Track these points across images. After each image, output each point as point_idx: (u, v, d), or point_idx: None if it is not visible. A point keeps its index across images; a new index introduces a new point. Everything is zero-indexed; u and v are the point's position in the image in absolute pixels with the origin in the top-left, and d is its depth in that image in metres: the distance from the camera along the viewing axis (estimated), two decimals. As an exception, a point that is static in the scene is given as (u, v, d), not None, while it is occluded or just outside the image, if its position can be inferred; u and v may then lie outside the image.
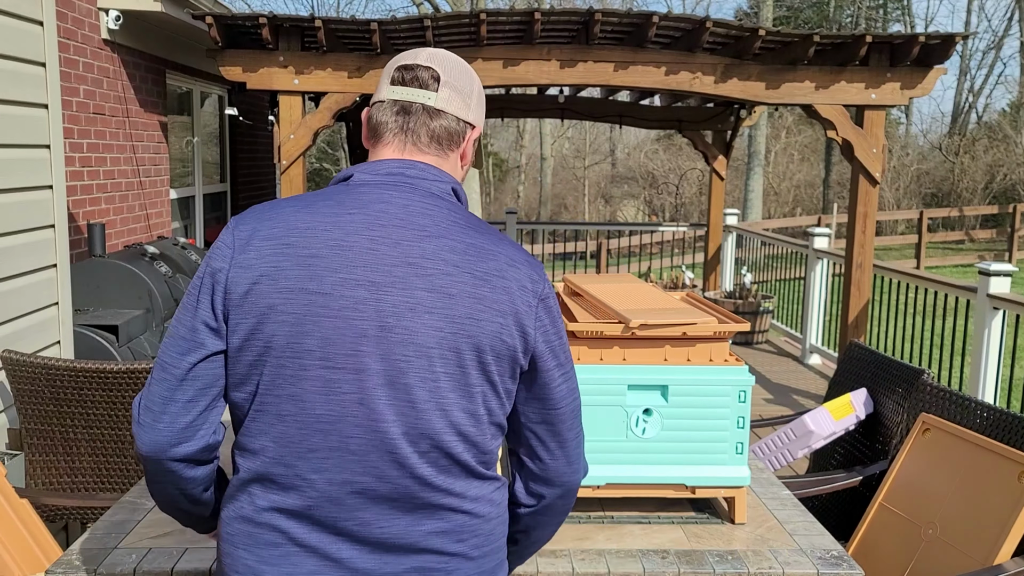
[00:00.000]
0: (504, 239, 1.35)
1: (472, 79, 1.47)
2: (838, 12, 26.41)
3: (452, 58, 1.46)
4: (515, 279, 1.30)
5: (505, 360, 1.28)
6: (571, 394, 1.38)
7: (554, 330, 1.35)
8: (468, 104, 1.44)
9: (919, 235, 16.65)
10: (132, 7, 5.30)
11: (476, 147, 1.52)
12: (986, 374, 4.79)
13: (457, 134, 1.42)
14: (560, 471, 1.39)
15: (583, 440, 1.45)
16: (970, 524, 2.33)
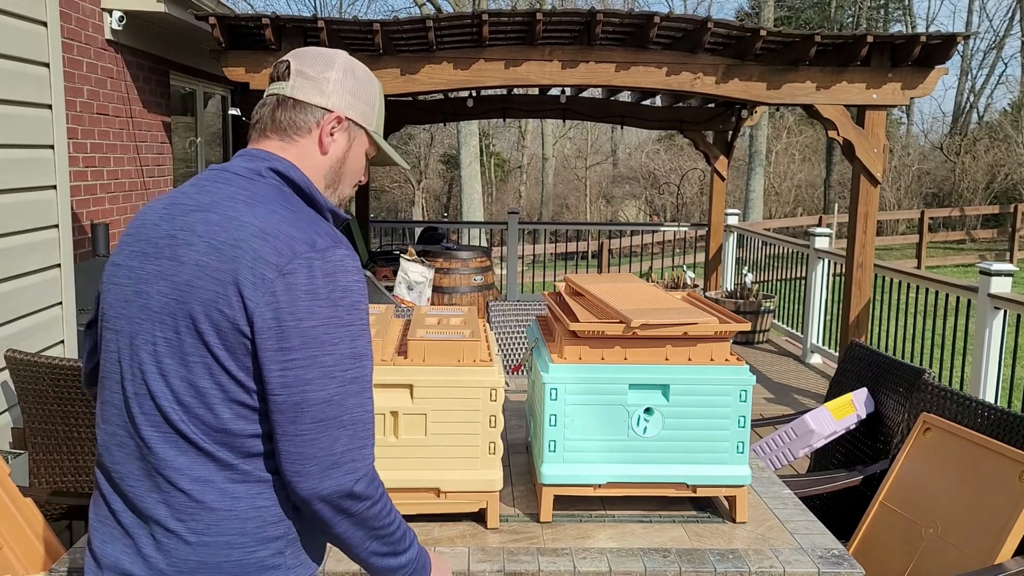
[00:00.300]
0: (277, 215, 1.30)
1: (330, 65, 1.45)
2: (839, 12, 26.40)
3: (318, 50, 1.48)
4: (252, 250, 1.25)
5: (228, 333, 1.24)
6: (292, 386, 1.24)
7: (291, 310, 1.24)
8: (322, 89, 1.44)
9: (920, 235, 16.65)
10: (135, 8, 5.31)
11: (370, 138, 1.50)
12: (987, 374, 4.80)
13: (304, 120, 1.43)
14: (288, 472, 1.26)
15: (335, 449, 1.26)
16: (971, 523, 2.33)
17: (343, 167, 1.48)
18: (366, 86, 1.50)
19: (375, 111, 1.52)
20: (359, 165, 1.51)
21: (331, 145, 1.45)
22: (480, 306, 7.13)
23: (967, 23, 28.72)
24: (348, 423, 1.27)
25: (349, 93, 1.46)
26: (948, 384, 4.85)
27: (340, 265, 1.30)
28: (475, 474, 1.88)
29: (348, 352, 1.28)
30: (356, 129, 1.48)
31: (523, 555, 1.79)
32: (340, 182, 1.49)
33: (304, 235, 1.29)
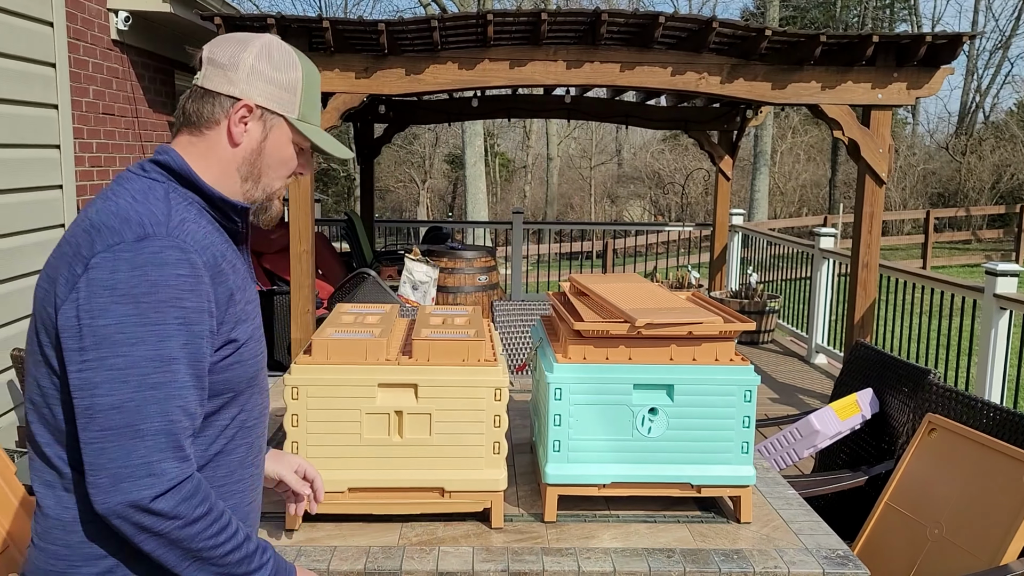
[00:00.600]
0: (117, 204, 1.24)
1: (242, 49, 1.37)
2: (844, 12, 26.35)
3: (237, 35, 1.40)
4: (77, 244, 1.21)
5: (51, 331, 1.21)
6: (83, 389, 1.16)
7: (87, 307, 1.16)
8: (230, 77, 1.36)
9: (925, 235, 16.61)
10: (141, 8, 5.32)
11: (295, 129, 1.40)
12: (992, 374, 4.78)
13: (210, 110, 1.36)
14: (86, 483, 1.18)
15: (129, 461, 1.16)
16: (976, 524, 2.33)
17: (260, 159, 1.39)
18: (285, 70, 1.39)
19: (297, 97, 1.41)
20: (283, 156, 1.41)
21: (242, 136, 1.37)
22: (485, 306, 7.13)
23: (973, 23, 28.64)
24: (147, 433, 1.15)
25: (262, 79, 1.37)
26: (953, 385, 4.84)
27: (153, 258, 1.18)
28: (479, 474, 1.88)
29: (150, 355, 1.16)
30: (273, 118, 1.39)
31: (527, 555, 1.79)
32: (261, 175, 1.40)
33: (129, 226, 1.20)
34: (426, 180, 27.69)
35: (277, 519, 1.91)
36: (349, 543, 1.81)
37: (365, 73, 5.14)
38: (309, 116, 1.43)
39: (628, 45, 5.22)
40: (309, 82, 1.43)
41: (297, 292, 5.35)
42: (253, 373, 1.36)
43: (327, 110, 5.18)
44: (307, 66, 1.43)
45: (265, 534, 1.84)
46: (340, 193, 27.15)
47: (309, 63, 1.45)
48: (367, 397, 1.83)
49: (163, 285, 1.18)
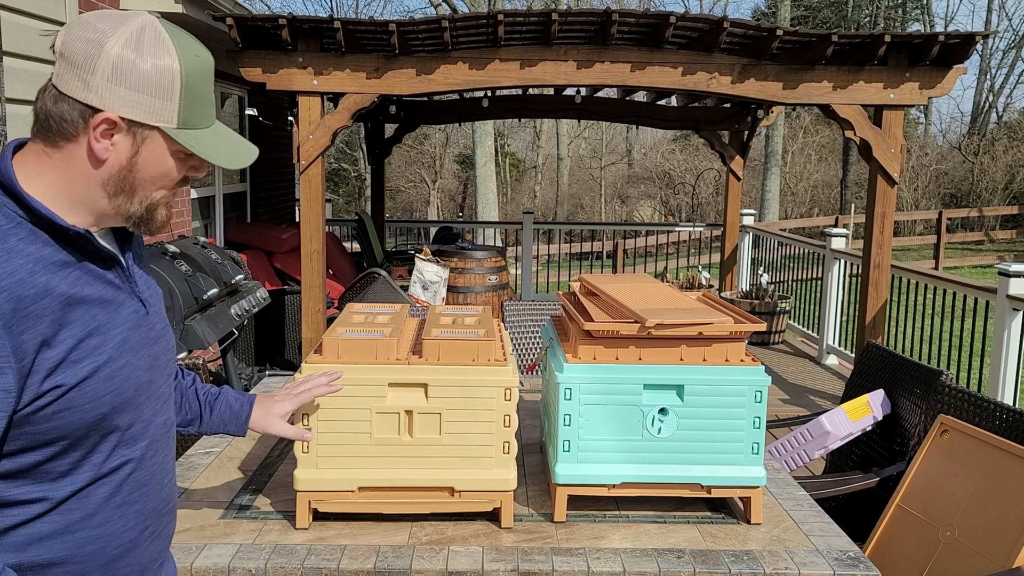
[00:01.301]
0: None
1: (100, 46, 1.12)
2: (856, 12, 26.23)
3: (100, 15, 1.15)
4: None
5: None
6: None
7: None
8: (87, 81, 1.12)
9: (938, 235, 16.53)
10: (154, 9, 5.35)
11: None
12: (1005, 375, 4.76)
13: (68, 119, 1.13)
14: None
15: None
16: (989, 526, 2.32)
17: (132, 175, 1.18)
18: (158, 70, 1.14)
19: (175, 102, 1.16)
20: (161, 168, 1.20)
21: (107, 153, 1.15)
22: (495, 306, 7.14)
23: (986, 22, 28.47)
24: None
25: (126, 85, 1.13)
26: (966, 386, 4.81)
27: None
28: (489, 473, 1.88)
29: None
30: (146, 131, 1.17)
31: (537, 555, 1.79)
32: (135, 189, 1.20)
33: None
34: (436, 180, 27.73)
35: (289, 517, 1.92)
36: (359, 542, 1.82)
37: (376, 73, 5.15)
38: (194, 119, 1.20)
39: (639, 45, 5.21)
40: (193, 77, 1.18)
41: (308, 292, 5.37)
42: (100, 414, 1.17)
43: (338, 110, 5.20)
44: (188, 57, 1.18)
45: (275, 533, 1.85)
46: (351, 193, 27.22)
47: (193, 50, 1.20)
48: (377, 396, 1.84)
49: None
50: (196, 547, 1.78)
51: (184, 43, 1.19)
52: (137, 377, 1.23)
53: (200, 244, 5.14)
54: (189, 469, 2.21)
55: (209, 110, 1.23)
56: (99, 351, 1.16)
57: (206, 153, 1.20)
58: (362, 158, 25.25)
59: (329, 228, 9.42)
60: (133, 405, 1.23)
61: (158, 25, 1.17)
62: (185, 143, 1.19)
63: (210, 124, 1.23)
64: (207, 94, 1.22)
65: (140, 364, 1.24)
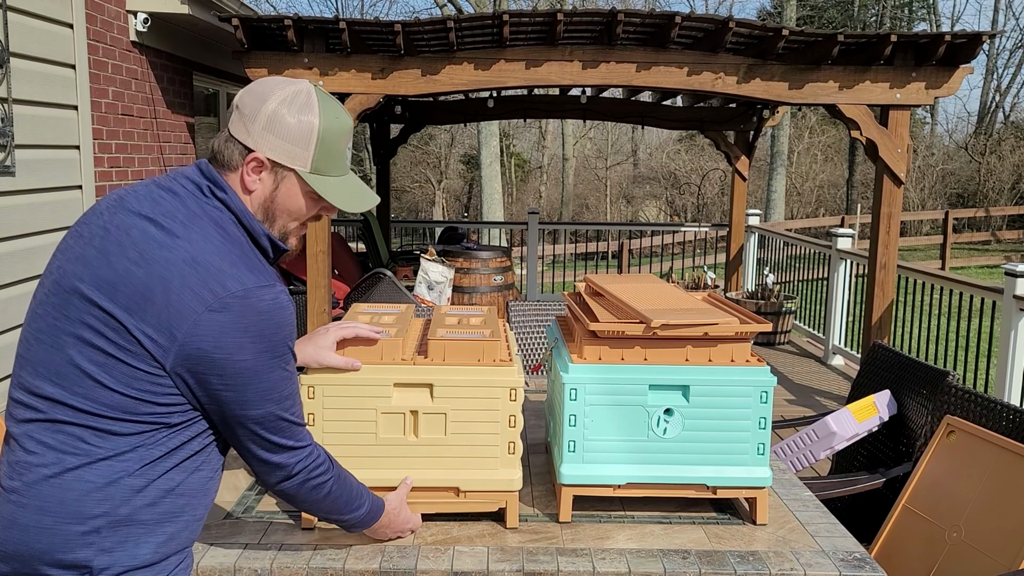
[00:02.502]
0: (211, 242, 1.41)
1: (264, 102, 1.45)
2: (862, 11, 26.18)
3: (265, 83, 1.47)
4: (181, 276, 1.39)
5: (119, 333, 1.40)
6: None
7: (225, 344, 1.39)
8: (248, 128, 1.45)
9: (944, 236, 16.49)
10: (160, 9, 5.36)
11: (306, 193, 1.49)
12: (1012, 376, 4.74)
13: (228, 155, 1.46)
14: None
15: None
16: (995, 527, 2.31)
17: (274, 205, 1.49)
18: (300, 124, 1.45)
19: (310, 151, 1.47)
20: (296, 204, 1.51)
21: (255, 185, 1.47)
22: (500, 306, 7.14)
23: (993, 22, 28.38)
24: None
25: (274, 133, 1.44)
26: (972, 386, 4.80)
27: (275, 303, 1.39)
28: (494, 474, 1.88)
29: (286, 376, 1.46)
30: (284, 171, 1.48)
31: (542, 555, 1.79)
32: (276, 218, 1.51)
33: (235, 270, 1.36)
34: (442, 180, 27.73)
35: (294, 517, 1.92)
36: (364, 542, 1.82)
37: (381, 74, 5.16)
38: (326, 167, 1.49)
39: (644, 45, 5.21)
40: (329, 134, 1.48)
41: (313, 292, 5.37)
42: None
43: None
44: (329, 117, 1.48)
45: (281, 533, 1.86)
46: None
47: (334, 113, 1.49)
48: (383, 397, 1.84)
49: (283, 325, 1.41)
50: (202, 547, 1.79)
51: (329, 107, 1.49)
52: None
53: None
54: (195, 469, 2.21)
55: (340, 162, 1.52)
56: None
57: (329, 195, 1.50)
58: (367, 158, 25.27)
59: (334, 228, 9.43)
60: None
61: (312, 91, 1.49)
62: (313, 185, 1.48)
63: (341, 174, 1.52)
64: (340, 149, 1.50)
65: None
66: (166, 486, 1.40)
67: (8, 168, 3.93)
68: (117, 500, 1.34)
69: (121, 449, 1.35)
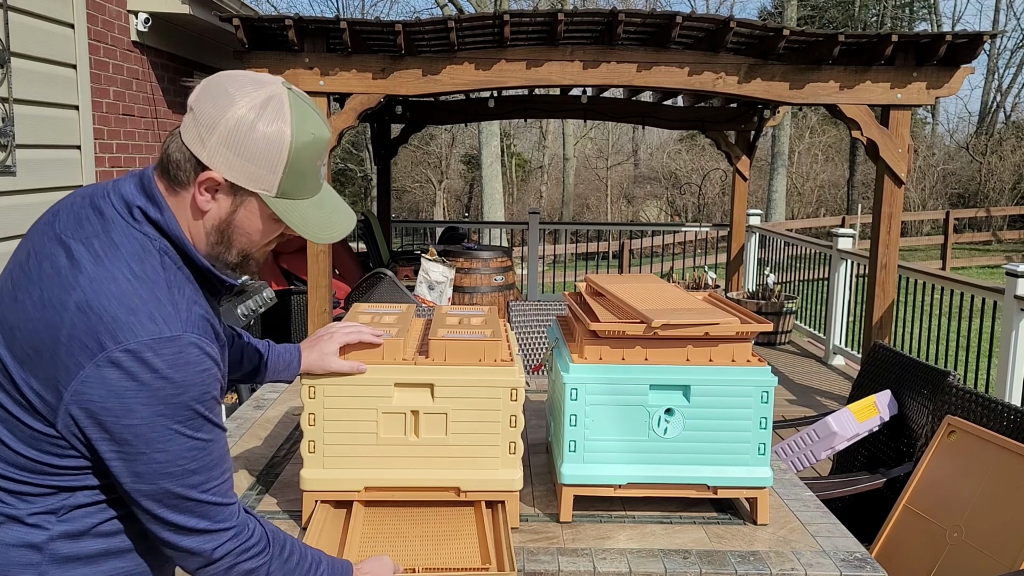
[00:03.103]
0: (116, 282, 1.20)
1: (224, 110, 1.20)
2: (863, 11, 26.17)
3: (227, 82, 1.23)
4: (70, 323, 1.19)
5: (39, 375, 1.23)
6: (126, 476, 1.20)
7: (110, 407, 1.18)
8: (203, 139, 1.20)
9: (945, 236, 16.49)
10: (160, 9, 5.37)
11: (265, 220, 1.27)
12: (1013, 376, 4.74)
13: (178, 166, 1.23)
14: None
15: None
16: (996, 527, 2.31)
17: (230, 228, 1.28)
18: (268, 143, 1.21)
19: (277, 173, 1.23)
20: (257, 227, 1.29)
21: (208, 206, 1.25)
22: (501, 306, 7.14)
23: (994, 22, 28.37)
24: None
25: (233, 151, 1.20)
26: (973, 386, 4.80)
27: (176, 359, 1.17)
28: (495, 474, 1.88)
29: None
30: (245, 193, 1.24)
31: (543, 555, 1.79)
32: (233, 242, 1.29)
33: (139, 321, 1.15)
34: (442, 180, 27.74)
35: (295, 517, 1.92)
36: (365, 542, 1.82)
37: (382, 74, 5.16)
38: (294, 191, 1.26)
39: (645, 45, 5.21)
40: (302, 154, 1.25)
41: (314, 292, 5.38)
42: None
43: (344, 110, 5.20)
44: (303, 133, 1.24)
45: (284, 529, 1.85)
46: (357, 193, 27.25)
47: (309, 127, 1.25)
48: (383, 396, 1.84)
49: (189, 384, 1.18)
50: (203, 546, 1.78)
51: (304, 119, 1.25)
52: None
53: (207, 244, 5.15)
54: (196, 469, 2.21)
55: (312, 184, 1.29)
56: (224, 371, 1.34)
57: (295, 224, 1.28)
58: (368, 158, 25.27)
59: (335, 228, 9.41)
60: None
61: (285, 98, 1.24)
62: (278, 212, 1.26)
63: (311, 195, 1.30)
64: (313, 169, 1.28)
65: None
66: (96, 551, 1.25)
67: (9, 168, 3.93)
68: (43, 567, 1.21)
69: (37, 510, 1.21)
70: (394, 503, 1.88)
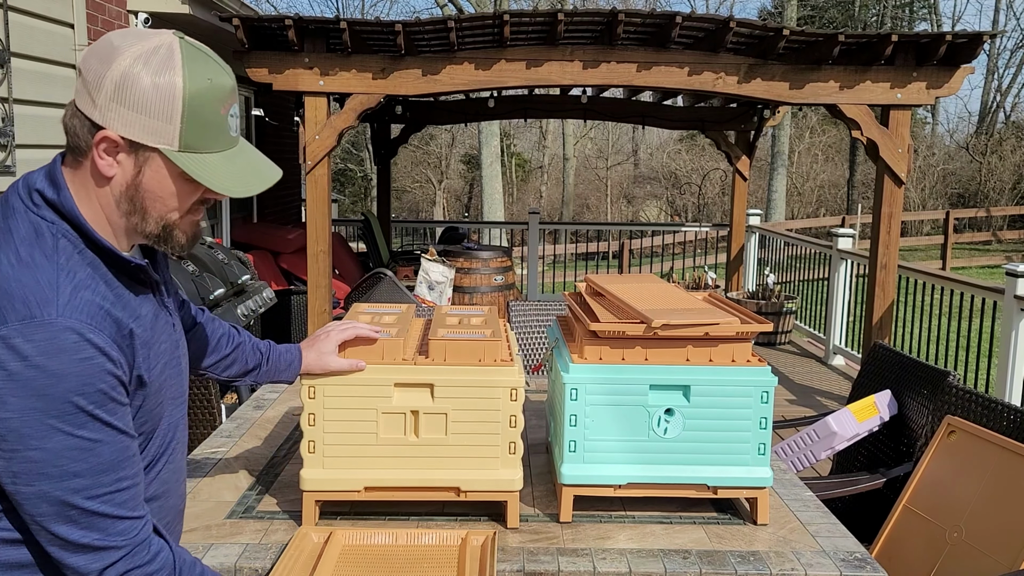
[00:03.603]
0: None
1: (109, 64, 1.12)
2: (863, 11, 26.17)
3: (112, 37, 1.15)
4: None
5: None
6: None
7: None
8: (93, 98, 1.13)
9: (945, 236, 16.49)
10: (160, 9, 5.37)
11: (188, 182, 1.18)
12: (1013, 376, 4.74)
13: (75, 134, 1.16)
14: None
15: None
16: (996, 527, 2.31)
17: (139, 194, 1.18)
18: (158, 90, 1.13)
19: (175, 124, 1.14)
20: (170, 190, 1.19)
21: (111, 170, 1.16)
22: (501, 306, 7.14)
23: (994, 22, 28.37)
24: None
25: (126, 105, 1.12)
26: (973, 387, 4.80)
27: (48, 346, 1.07)
28: (495, 474, 1.88)
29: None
30: (146, 151, 1.16)
31: (543, 555, 1.79)
32: (147, 209, 1.20)
33: (12, 305, 1.08)
34: (442, 180, 27.74)
35: (295, 517, 1.92)
36: (365, 542, 1.82)
37: (382, 74, 5.16)
38: (201, 143, 1.17)
39: (645, 45, 5.21)
40: (199, 100, 1.16)
41: (314, 292, 5.38)
42: (157, 422, 1.30)
43: (344, 110, 5.20)
44: (198, 78, 1.16)
45: (282, 533, 1.86)
46: (357, 193, 27.25)
47: (204, 72, 1.17)
48: (383, 396, 1.84)
49: (65, 374, 1.08)
50: (202, 547, 1.78)
51: (199, 65, 1.16)
52: (173, 385, 1.34)
53: (207, 244, 5.15)
54: (196, 469, 2.21)
55: (219, 136, 1.19)
56: (153, 365, 1.24)
57: (206, 179, 1.17)
58: (368, 158, 25.27)
59: (335, 228, 9.43)
60: (168, 409, 1.34)
61: (175, 46, 1.15)
62: (185, 167, 1.16)
63: (223, 148, 1.20)
64: (218, 118, 1.18)
65: (174, 371, 1.34)
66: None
67: (9, 168, 3.93)
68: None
69: None
70: (372, 548, 1.83)
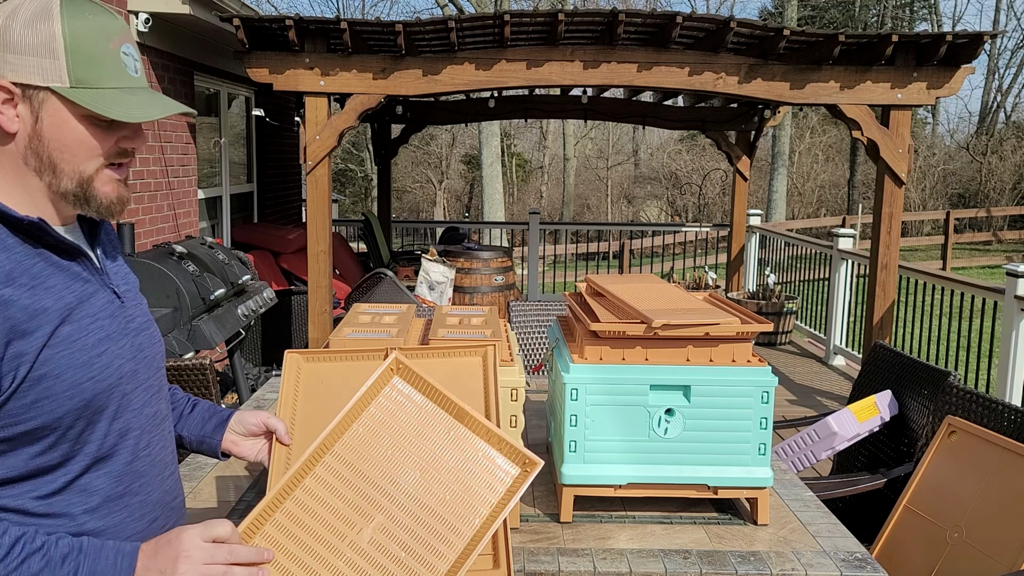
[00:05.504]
0: None
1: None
2: (864, 12, 26.17)
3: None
4: None
5: None
6: None
7: None
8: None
9: (945, 236, 16.48)
10: (161, 10, 5.37)
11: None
12: (1013, 376, 4.74)
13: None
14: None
15: None
16: (997, 527, 2.31)
17: (43, 144, 1.15)
18: (36, 30, 1.11)
19: (61, 59, 1.12)
20: (74, 136, 1.15)
21: (13, 124, 1.13)
22: (501, 306, 7.14)
23: (994, 22, 28.36)
24: None
25: (6, 49, 1.10)
26: (974, 387, 4.80)
27: None
28: (496, 474, 1.88)
29: None
30: (39, 93, 1.12)
31: (543, 555, 1.79)
32: (55, 163, 1.16)
33: None
34: (443, 181, 27.74)
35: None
36: (366, 542, 1.82)
37: (383, 74, 5.16)
38: (94, 76, 1.14)
39: (645, 45, 5.21)
40: (81, 32, 1.13)
41: (314, 292, 5.38)
42: (83, 401, 1.18)
43: (344, 110, 5.20)
44: (76, 15, 1.14)
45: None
46: (357, 194, 27.26)
47: (85, 9, 1.15)
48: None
49: None
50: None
51: (75, 6, 1.14)
52: (120, 366, 1.24)
53: (207, 244, 5.15)
54: (196, 469, 2.21)
55: (112, 68, 1.16)
56: (75, 340, 1.16)
57: (103, 107, 1.13)
58: (368, 159, 25.27)
59: (336, 228, 9.44)
60: (119, 393, 1.24)
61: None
62: (80, 100, 1.12)
63: (119, 85, 1.16)
64: (105, 51, 1.15)
65: (122, 353, 1.25)
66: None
67: (9, 168, 3.93)
68: None
69: None
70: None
